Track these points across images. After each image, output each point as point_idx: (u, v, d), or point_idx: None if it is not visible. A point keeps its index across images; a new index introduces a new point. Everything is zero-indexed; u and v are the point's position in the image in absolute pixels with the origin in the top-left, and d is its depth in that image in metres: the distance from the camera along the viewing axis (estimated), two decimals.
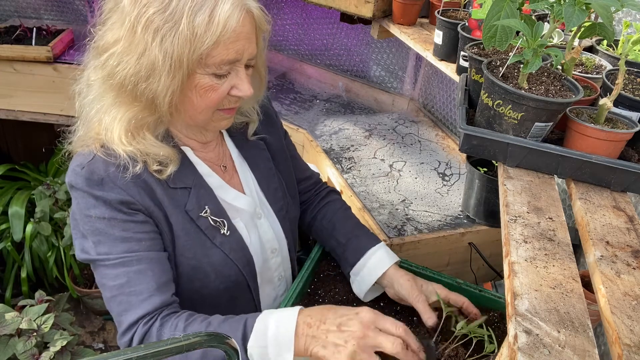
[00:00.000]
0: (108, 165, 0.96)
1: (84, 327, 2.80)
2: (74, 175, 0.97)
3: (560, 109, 0.96)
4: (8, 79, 2.53)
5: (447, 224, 1.71)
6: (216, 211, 1.07)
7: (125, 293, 0.96)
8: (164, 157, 1.00)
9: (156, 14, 0.88)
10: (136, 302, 0.96)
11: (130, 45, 0.91)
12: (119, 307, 0.97)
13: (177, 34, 0.89)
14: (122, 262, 0.96)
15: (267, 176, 1.21)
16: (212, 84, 0.96)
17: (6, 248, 2.64)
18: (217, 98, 0.98)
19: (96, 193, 0.95)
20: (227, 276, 1.08)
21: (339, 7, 1.99)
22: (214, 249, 1.05)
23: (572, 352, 0.64)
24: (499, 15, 0.94)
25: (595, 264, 0.78)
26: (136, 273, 0.96)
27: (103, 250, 0.97)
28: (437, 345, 1.05)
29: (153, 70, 0.91)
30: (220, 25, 0.90)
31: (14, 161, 3.07)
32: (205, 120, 1.03)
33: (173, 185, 1.02)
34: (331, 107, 2.59)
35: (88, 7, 3.07)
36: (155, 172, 0.99)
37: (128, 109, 0.96)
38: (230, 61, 0.95)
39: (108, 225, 0.96)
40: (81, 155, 0.99)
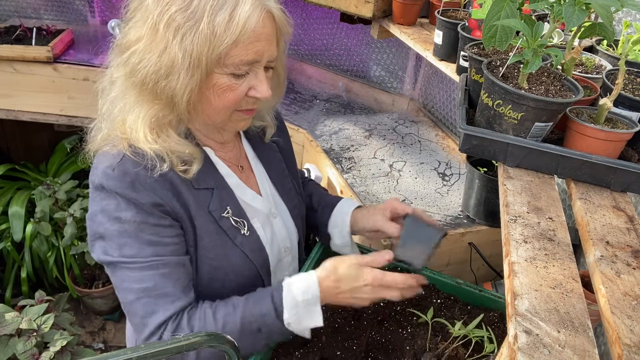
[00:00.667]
0: (137, 165, 0.96)
1: (84, 327, 2.80)
2: (104, 177, 0.96)
3: (560, 109, 0.96)
4: (8, 79, 2.53)
5: (447, 224, 1.71)
6: (237, 211, 1.08)
7: (152, 296, 0.96)
8: (189, 155, 1.01)
9: (178, 12, 0.89)
10: (163, 304, 0.97)
11: (152, 43, 0.92)
12: (144, 309, 0.97)
13: (197, 32, 0.89)
14: (150, 266, 0.96)
15: (281, 177, 1.24)
16: (230, 84, 0.96)
17: (6, 248, 2.64)
18: (235, 98, 0.98)
19: (129, 195, 0.95)
20: (245, 276, 1.09)
21: (339, 7, 1.99)
22: (234, 249, 1.07)
23: (572, 352, 0.64)
24: (499, 15, 0.94)
25: (595, 264, 0.78)
26: (162, 276, 0.97)
27: (129, 252, 0.96)
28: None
29: (172, 68, 0.91)
30: (239, 25, 0.90)
31: (14, 161, 3.06)
32: (223, 120, 1.03)
33: (197, 186, 1.02)
34: (331, 107, 2.59)
35: (88, 7, 3.07)
36: (182, 172, 1.00)
37: (150, 107, 0.97)
38: (249, 62, 0.95)
39: (138, 228, 0.96)
40: (109, 156, 0.99)
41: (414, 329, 1.15)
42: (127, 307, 1.00)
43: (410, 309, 1.20)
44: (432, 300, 1.25)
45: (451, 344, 1.06)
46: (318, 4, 2.06)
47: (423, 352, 1.08)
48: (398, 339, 1.13)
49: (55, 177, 2.85)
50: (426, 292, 1.27)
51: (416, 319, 1.17)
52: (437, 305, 1.23)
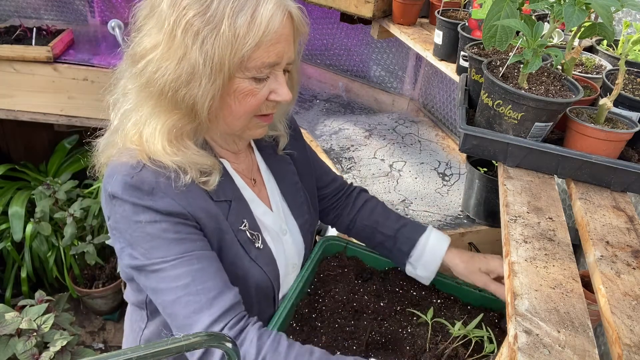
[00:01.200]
0: (158, 176, 0.93)
1: (84, 327, 2.80)
2: (121, 187, 0.92)
3: (560, 109, 0.96)
4: (8, 79, 2.53)
5: (447, 224, 1.71)
6: (252, 225, 1.06)
7: (192, 292, 0.91)
8: (207, 166, 0.98)
9: (196, 16, 0.86)
10: (207, 301, 0.91)
11: (170, 50, 0.88)
12: (186, 309, 0.91)
13: (218, 36, 0.86)
14: (182, 263, 0.92)
15: (293, 191, 1.20)
16: (251, 88, 0.93)
17: (6, 248, 2.64)
18: (257, 103, 0.96)
19: (146, 203, 0.92)
20: (262, 289, 1.07)
21: (339, 7, 1.99)
22: (252, 262, 1.04)
23: (572, 352, 0.64)
24: (499, 15, 0.94)
25: (595, 264, 0.78)
26: (199, 271, 0.92)
27: (158, 254, 0.92)
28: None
29: (193, 74, 0.88)
30: (262, 26, 0.87)
31: (14, 161, 3.06)
32: (242, 128, 1.00)
33: (216, 198, 1.00)
34: (331, 107, 2.59)
35: (88, 7, 3.07)
36: (202, 184, 0.97)
37: (168, 117, 0.94)
38: (270, 64, 0.92)
39: (160, 229, 0.92)
40: (127, 166, 0.94)
41: (414, 329, 1.15)
42: (168, 309, 0.94)
43: (410, 309, 1.20)
44: (432, 300, 1.25)
45: (451, 343, 1.06)
46: (318, 4, 2.06)
47: (423, 352, 1.08)
48: (398, 339, 1.13)
49: (55, 177, 2.85)
50: (426, 292, 1.27)
51: (416, 319, 1.17)
52: (437, 305, 1.23)
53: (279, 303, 1.15)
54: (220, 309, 0.91)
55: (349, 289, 1.25)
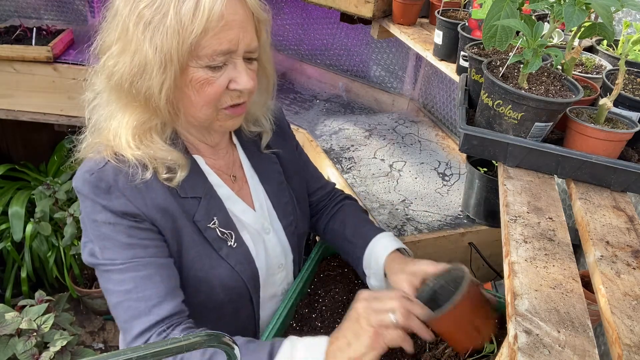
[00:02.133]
0: (118, 173, 0.95)
1: (84, 327, 2.80)
2: (81, 181, 0.96)
3: (560, 109, 0.96)
4: (8, 79, 2.53)
5: (447, 224, 1.71)
6: (224, 223, 1.05)
7: (132, 299, 0.93)
8: (172, 161, 0.98)
9: (146, 7, 0.88)
10: (145, 309, 0.93)
11: (125, 44, 0.91)
12: (126, 314, 0.94)
13: (165, 25, 0.87)
14: (129, 268, 0.94)
15: (277, 190, 1.19)
16: (207, 77, 0.93)
17: (6, 248, 2.64)
18: (214, 92, 0.95)
19: (102, 201, 0.94)
20: (232, 288, 1.06)
21: (339, 7, 1.99)
22: (220, 261, 1.03)
23: (572, 352, 0.64)
24: (499, 15, 0.94)
25: (595, 264, 0.78)
26: (143, 278, 0.94)
27: (109, 255, 0.95)
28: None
29: (146, 65, 0.90)
30: (206, 12, 0.87)
31: (14, 161, 3.07)
32: (207, 119, 1.00)
33: (183, 195, 1.00)
34: (331, 107, 2.59)
35: (88, 7, 3.07)
36: (165, 180, 0.97)
37: (131, 112, 0.96)
38: (223, 52, 0.91)
39: (113, 230, 0.94)
40: (92, 162, 0.97)
41: None
42: (112, 310, 0.97)
43: None
44: None
45: None
46: (318, 4, 2.06)
47: (423, 352, 1.08)
48: None
49: (55, 177, 2.86)
50: None
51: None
52: None
53: (258, 304, 1.13)
54: (156, 317, 0.93)
55: (348, 289, 1.25)
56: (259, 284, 1.11)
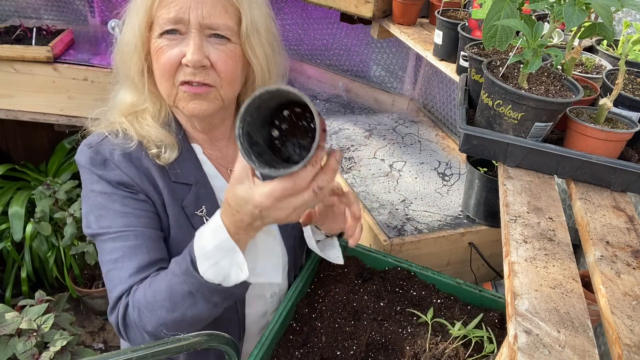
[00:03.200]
0: (115, 147, 1.01)
1: (84, 327, 2.80)
2: (80, 154, 1.04)
3: (560, 109, 0.96)
4: (8, 79, 2.53)
5: (447, 224, 1.71)
6: (213, 212, 1.00)
7: (117, 268, 0.96)
8: (158, 140, 1.02)
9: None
10: (124, 278, 0.96)
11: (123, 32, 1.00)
12: (110, 283, 0.97)
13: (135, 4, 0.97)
14: (120, 236, 0.97)
15: None
16: (161, 46, 0.96)
17: (6, 248, 2.64)
18: (166, 62, 0.95)
19: (97, 172, 1.00)
20: None
21: (339, 7, 1.99)
22: None
23: (572, 352, 0.64)
24: (499, 15, 0.94)
25: (595, 264, 0.78)
26: (131, 248, 0.97)
27: (104, 223, 0.98)
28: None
29: (127, 45, 0.99)
30: None
31: (14, 161, 3.06)
32: (169, 96, 1.00)
33: (175, 179, 1.04)
34: (331, 107, 2.59)
35: (88, 7, 3.07)
36: (154, 157, 1.02)
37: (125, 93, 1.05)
38: (171, 20, 0.93)
39: (109, 200, 0.99)
40: (93, 136, 1.05)
41: (414, 329, 1.15)
42: (105, 281, 1.00)
43: (410, 309, 1.20)
44: (432, 300, 1.25)
45: (451, 344, 1.06)
46: (318, 4, 2.06)
47: (423, 352, 1.08)
48: (398, 339, 1.13)
49: (55, 177, 2.85)
50: (426, 292, 1.27)
51: (416, 319, 1.17)
52: (437, 305, 1.23)
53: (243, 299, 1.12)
54: (129, 284, 0.95)
55: (349, 289, 1.25)
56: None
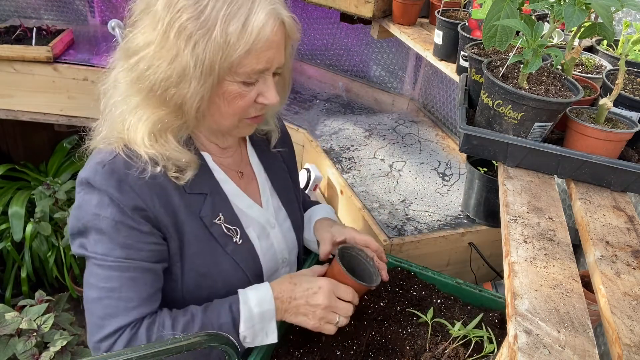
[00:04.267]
0: (129, 166, 0.96)
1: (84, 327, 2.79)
2: (92, 172, 0.96)
3: (560, 109, 0.96)
4: (8, 79, 2.53)
5: (447, 224, 1.71)
6: (230, 219, 1.06)
7: (114, 297, 0.95)
8: (184, 163, 0.99)
9: (190, 20, 0.88)
10: (124, 309, 0.95)
11: (162, 49, 0.90)
12: (103, 311, 0.95)
13: (209, 40, 0.88)
14: (118, 267, 0.95)
15: (284, 187, 1.23)
16: (240, 91, 0.96)
17: (6, 248, 2.64)
18: (244, 105, 0.98)
19: (112, 194, 0.94)
20: (234, 285, 1.06)
21: (339, 7, 1.99)
22: (225, 257, 1.04)
23: (572, 352, 0.64)
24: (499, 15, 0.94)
25: (595, 264, 0.78)
26: (129, 280, 0.95)
27: (101, 250, 0.95)
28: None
29: (184, 76, 0.90)
30: (253, 34, 0.89)
31: (14, 161, 3.06)
32: (230, 127, 1.03)
33: (189, 191, 1.01)
34: (331, 107, 2.59)
35: (88, 7, 3.07)
36: (174, 178, 0.99)
37: (154, 112, 0.96)
38: (260, 70, 0.94)
39: (114, 229, 0.95)
40: (103, 153, 0.98)
41: (414, 329, 1.15)
42: (88, 304, 0.97)
43: (410, 309, 1.20)
44: (432, 300, 1.25)
45: (451, 344, 1.06)
46: (318, 4, 2.06)
47: (423, 352, 1.08)
48: (398, 339, 1.13)
49: (55, 177, 2.85)
50: (426, 292, 1.27)
51: (416, 319, 1.17)
52: (437, 305, 1.23)
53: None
54: (131, 318, 0.95)
55: None
56: (262, 280, 1.12)
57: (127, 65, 0.95)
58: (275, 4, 0.93)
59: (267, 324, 1.01)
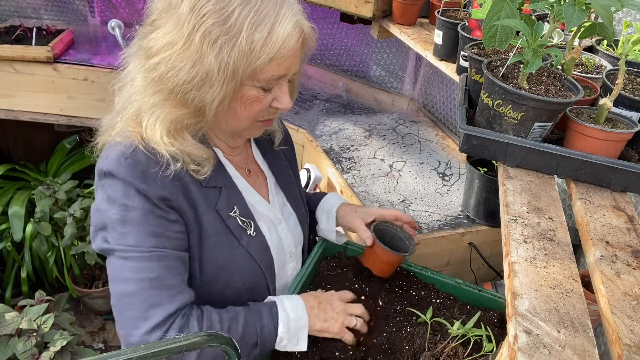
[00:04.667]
0: (149, 159, 0.96)
1: (84, 327, 2.80)
2: (116, 164, 0.95)
3: (560, 109, 0.96)
4: (8, 79, 2.53)
5: (447, 224, 1.71)
6: (244, 212, 1.09)
7: (155, 287, 0.94)
8: (203, 158, 1.01)
9: (215, 25, 0.88)
10: (168, 297, 0.95)
11: (185, 52, 0.90)
12: (146, 302, 0.94)
13: (235, 46, 0.89)
14: (152, 257, 0.95)
15: (289, 183, 1.26)
16: (258, 96, 0.97)
17: (6, 248, 2.64)
18: (260, 109, 1.00)
19: (138, 185, 0.94)
20: (250, 276, 1.09)
21: (339, 7, 1.99)
22: (240, 249, 1.07)
23: (572, 352, 0.64)
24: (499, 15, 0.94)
25: (595, 264, 0.78)
26: (165, 268, 0.96)
27: (131, 241, 0.94)
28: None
29: (206, 79, 0.91)
30: (278, 44, 0.91)
31: (14, 161, 3.06)
32: (242, 129, 1.05)
33: (206, 184, 1.03)
34: (331, 107, 2.59)
35: (88, 7, 3.07)
36: (193, 172, 1.01)
37: (172, 111, 0.96)
38: (279, 77, 0.96)
39: (144, 217, 0.95)
40: (122, 145, 0.98)
41: (413, 328, 1.15)
42: (125, 298, 0.95)
43: (410, 308, 1.20)
44: (432, 300, 1.25)
45: (450, 343, 1.06)
46: (318, 4, 2.06)
47: (422, 352, 1.08)
48: (397, 338, 1.13)
49: (55, 177, 2.85)
50: (426, 292, 1.27)
51: (415, 318, 1.17)
52: (436, 305, 1.23)
53: (274, 291, 1.17)
54: (178, 304, 0.96)
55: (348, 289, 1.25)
56: (274, 272, 1.15)
57: (148, 65, 0.95)
58: (299, 15, 0.95)
59: (300, 330, 1.06)
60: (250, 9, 0.89)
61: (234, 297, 1.09)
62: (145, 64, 0.96)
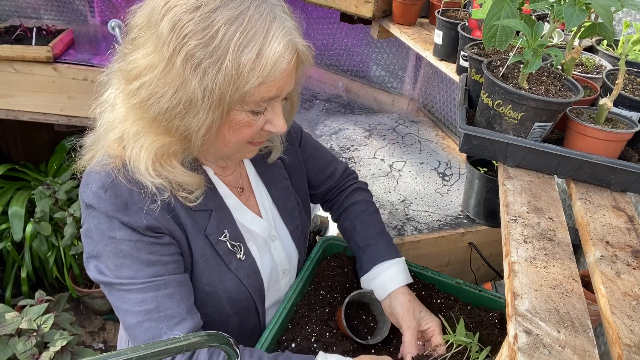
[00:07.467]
0: (131, 190, 0.91)
1: (84, 327, 2.80)
2: (96, 198, 0.90)
3: (560, 109, 0.96)
4: (8, 79, 2.53)
5: (447, 224, 1.71)
6: (234, 235, 1.04)
7: (154, 319, 0.91)
8: (193, 186, 0.96)
9: (198, 47, 0.80)
10: (167, 328, 0.91)
11: (167, 76, 0.83)
12: (147, 334, 0.91)
13: (220, 70, 0.81)
14: (149, 287, 0.91)
15: (283, 195, 1.18)
16: (248, 120, 0.90)
17: (6, 248, 2.64)
18: (251, 133, 0.93)
19: (122, 218, 0.90)
20: (238, 301, 1.05)
21: (339, 7, 1.99)
22: (229, 274, 1.03)
23: (572, 352, 0.64)
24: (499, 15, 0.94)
25: (595, 264, 0.78)
26: (164, 297, 0.92)
27: (126, 274, 0.91)
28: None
29: (190, 106, 0.84)
30: (268, 66, 0.83)
31: (14, 161, 3.06)
32: (231, 153, 0.99)
33: (195, 208, 0.97)
34: (331, 107, 2.59)
35: (88, 7, 3.07)
36: (182, 198, 0.95)
37: (156, 139, 0.90)
38: (270, 98, 0.89)
39: (134, 248, 0.90)
40: (101, 175, 0.92)
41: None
42: (129, 330, 0.94)
43: None
44: (432, 300, 1.25)
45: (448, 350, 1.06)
46: (318, 4, 2.06)
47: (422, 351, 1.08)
48: (397, 338, 1.13)
49: (55, 177, 2.85)
50: (426, 292, 1.27)
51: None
52: (437, 305, 1.23)
53: (263, 313, 1.13)
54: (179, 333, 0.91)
55: (348, 289, 1.25)
56: (264, 294, 1.12)
57: (127, 90, 0.89)
58: (292, 33, 0.87)
59: None
60: (237, 28, 0.81)
61: (222, 321, 1.06)
62: (125, 88, 0.89)
